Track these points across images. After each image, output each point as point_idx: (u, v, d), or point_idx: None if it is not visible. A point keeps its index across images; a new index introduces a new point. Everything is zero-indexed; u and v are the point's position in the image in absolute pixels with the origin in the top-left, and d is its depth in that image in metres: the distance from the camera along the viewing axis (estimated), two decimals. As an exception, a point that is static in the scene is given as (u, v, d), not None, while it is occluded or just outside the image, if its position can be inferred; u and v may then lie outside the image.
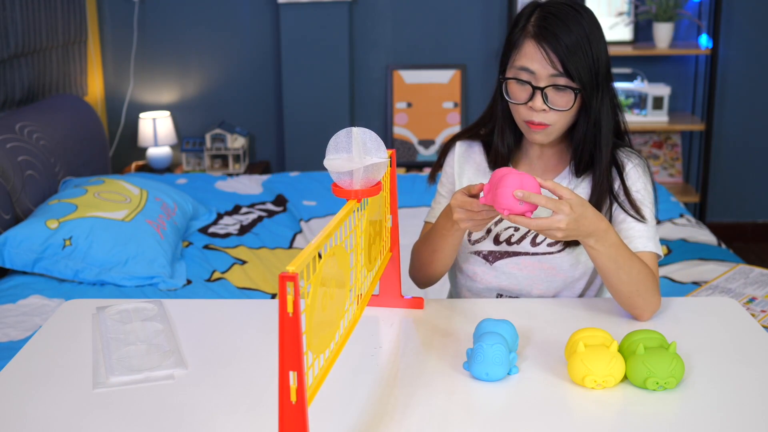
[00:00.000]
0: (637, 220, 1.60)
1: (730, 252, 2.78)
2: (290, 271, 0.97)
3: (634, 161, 1.65)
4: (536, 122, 1.57)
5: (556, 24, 1.53)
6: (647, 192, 1.65)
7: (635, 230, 1.60)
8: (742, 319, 1.55)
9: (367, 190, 1.28)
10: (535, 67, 1.54)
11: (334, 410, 1.24)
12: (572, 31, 1.53)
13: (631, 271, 1.48)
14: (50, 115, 3.17)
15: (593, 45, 1.54)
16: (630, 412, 1.25)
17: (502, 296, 1.72)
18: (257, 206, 3.28)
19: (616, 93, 1.64)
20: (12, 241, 2.46)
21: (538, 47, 1.53)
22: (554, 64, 1.52)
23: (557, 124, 1.58)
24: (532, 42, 1.54)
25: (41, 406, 1.28)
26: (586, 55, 1.53)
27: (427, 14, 4.18)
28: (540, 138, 1.60)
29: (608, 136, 1.61)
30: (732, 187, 4.34)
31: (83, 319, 1.58)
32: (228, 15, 4.19)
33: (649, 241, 1.59)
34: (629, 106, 4.08)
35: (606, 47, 1.59)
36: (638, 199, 1.62)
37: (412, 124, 4.24)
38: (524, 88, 1.56)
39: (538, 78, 1.54)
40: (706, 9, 4.06)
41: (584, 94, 1.55)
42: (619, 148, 1.67)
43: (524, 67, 1.55)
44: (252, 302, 1.69)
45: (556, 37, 1.52)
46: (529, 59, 1.55)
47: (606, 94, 1.59)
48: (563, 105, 1.55)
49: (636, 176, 1.64)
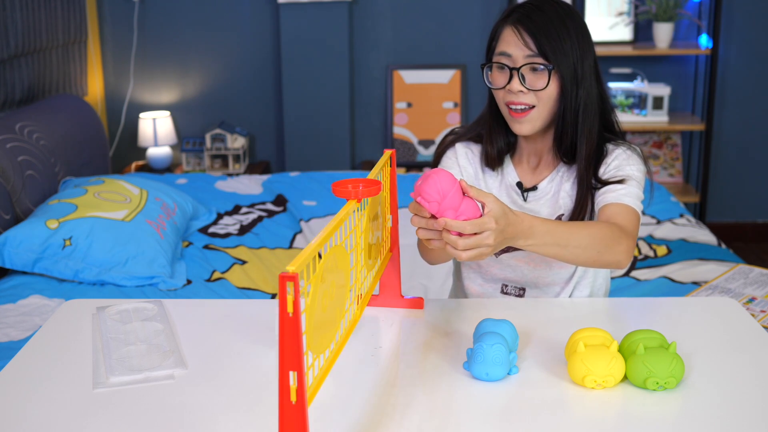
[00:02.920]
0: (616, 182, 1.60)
1: (730, 252, 2.78)
2: (290, 271, 0.96)
3: (624, 147, 1.66)
4: (516, 104, 1.60)
5: (532, 10, 1.60)
6: (636, 170, 1.63)
7: (613, 188, 1.59)
8: (742, 319, 1.55)
9: (367, 190, 1.28)
10: (511, 50, 1.59)
11: (334, 410, 1.24)
12: (551, 19, 1.58)
13: (580, 241, 1.45)
14: (50, 115, 3.17)
15: (573, 35, 1.58)
16: (630, 412, 1.25)
17: (508, 287, 1.74)
18: (257, 206, 3.28)
19: (605, 91, 1.66)
20: (12, 241, 2.46)
21: (514, 31, 1.60)
22: (529, 45, 1.58)
23: (538, 107, 1.60)
24: (510, 28, 1.61)
25: (41, 406, 1.28)
26: (564, 41, 1.57)
27: (427, 14, 4.18)
28: (524, 128, 1.62)
29: (590, 128, 1.62)
30: (732, 187, 4.34)
31: (83, 319, 1.58)
32: (228, 15, 4.19)
33: (625, 197, 1.58)
34: (629, 106, 4.08)
35: (591, 48, 1.62)
36: (622, 174, 1.61)
37: (412, 124, 4.24)
38: (504, 72, 1.61)
39: (515, 60, 1.59)
40: (706, 9, 4.06)
41: (561, 77, 1.58)
42: (610, 141, 1.68)
43: (503, 51, 1.61)
44: (252, 302, 1.69)
45: (531, 19, 1.58)
46: (506, 43, 1.60)
47: (591, 87, 1.61)
48: (540, 85, 1.58)
49: (625, 157, 1.64)
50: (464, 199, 1.32)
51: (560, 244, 1.44)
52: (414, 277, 2.66)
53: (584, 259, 1.48)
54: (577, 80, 1.59)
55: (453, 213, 1.30)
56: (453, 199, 1.30)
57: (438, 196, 1.30)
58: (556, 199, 1.69)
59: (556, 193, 1.69)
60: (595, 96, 1.63)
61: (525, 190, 1.72)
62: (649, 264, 2.70)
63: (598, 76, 1.64)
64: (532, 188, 1.71)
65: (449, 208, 1.30)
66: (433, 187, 1.30)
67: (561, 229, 1.44)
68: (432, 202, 1.30)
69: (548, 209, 1.70)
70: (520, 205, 1.71)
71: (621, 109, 4.07)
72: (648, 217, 3.12)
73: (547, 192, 1.70)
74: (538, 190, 1.71)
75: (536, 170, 1.72)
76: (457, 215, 1.30)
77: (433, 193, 1.30)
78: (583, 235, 1.46)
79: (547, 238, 1.42)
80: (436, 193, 1.30)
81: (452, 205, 1.30)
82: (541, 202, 1.70)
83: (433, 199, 1.30)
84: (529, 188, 1.71)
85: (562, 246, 1.44)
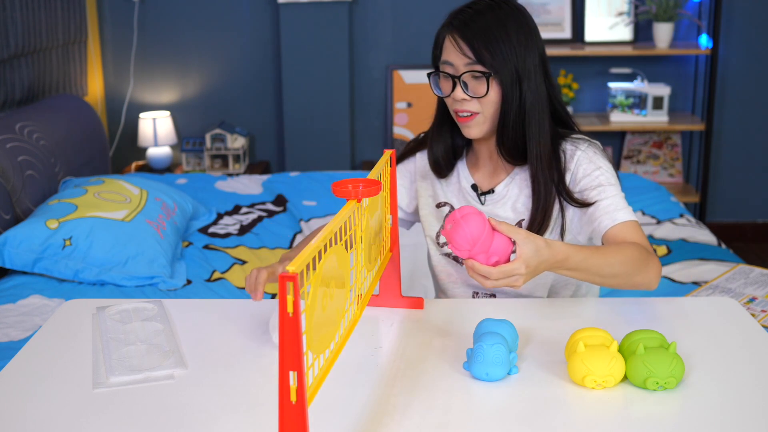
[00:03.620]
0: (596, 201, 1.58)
1: (730, 252, 2.78)
2: (290, 271, 0.96)
3: (583, 146, 1.64)
4: (462, 110, 1.60)
5: (471, 16, 1.58)
6: (605, 170, 1.62)
7: (601, 208, 1.58)
8: (742, 319, 1.55)
9: (367, 190, 1.28)
10: (452, 59, 1.59)
11: (334, 410, 1.24)
12: (486, 20, 1.56)
13: (613, 268, 1.46)
14: (50, 115, 3.17)
15: (512, 34, 1.56)
16: (630, 412, 1.25)
17: (478, 294, 1.73)
18: (257, 206, 3.28)
19: (552, 84, 1.64)
20: (12, 241, 2.46)
21: (451, 40, 1.59)
22: (466, 53, 1.57)
23: (483, 113, 1.60)
24: (448, 36, 1.61)
25: (41, 406, 1.28)
26: (502, 42, 1.55)
27: (427, 14, 4.18)
28: (472, 132, 1.62)
29: (538, 126, 1.60)
30: (732, 187, 4.34)
31: (83, 319, 1.58)
32: (228, 15, 4.19)
33: (618, 212, 1.57)
34: (629, 106, 4.08)
35: (535, 41, 1.60)
36: (596, 183, 1.60)
37: (412, 124, 4.24)
38: (448, 81, 1.61)
39: (456, 68, 1.59)
40: (706, 9, 4.06)
41: (501, 82, 1.56)
42: (566, 138, 1.66)
43: (445, 60, 1.61)
44: (252, 302, 1.69)
45: (467, 26, 1.57)
46: (447, 52, 1.61)
47: (537, 85, 1.59)
48: (480, 92, 1.58)
49: (587, 160, 1.62)
50: (495, 235, 1.35)
51: (593, 272, 1.45)
52: (414, 277, 2.66)
53: (617, 284, 1.50)
54: (520, 82, 1.57)
55: (485, 257, 1.34)
56: (484, 243, 1.33)
57: (468, 245, 1.33)
58: (514, 202, 1.68)
59: (515, 197, 1.68)
60: (543, 93, 1.61)
61: (481, 193, 1.71)
62: (649, 264, 2.70)
63: (546, 72, 1.62)
64: (489, 191, 1.70)
65: (480, 252, 1.34)
66: (463, 237, 1.33)
67: (595, 258, 1.44)
68: (463, 250, 1.34)
69: (509, 213, 1.68)
70: (479, 209, 1.70)
71: (621, 109, 4.07)
72: (648, 217, 3.12)
73: (504, 195, 1.69)
74: (495, 193, 1.69)
75: (492, 174, 1.71)
76: (488, 257, 1.34)
77: (464, 243, 1.33)
78: (617, 261, 1.46)
79: (582, 268, 1.43)
80: (466, 242, 1.33)
81: (483, 249, 1.34)
82: (498, 205, 1.69)
83: (464, 249, 1.34)
84: (486, 191, 1.70)
85: (595, 273, 1.46)
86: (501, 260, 1.35)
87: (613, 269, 1.46)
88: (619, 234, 1.55)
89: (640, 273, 1.49)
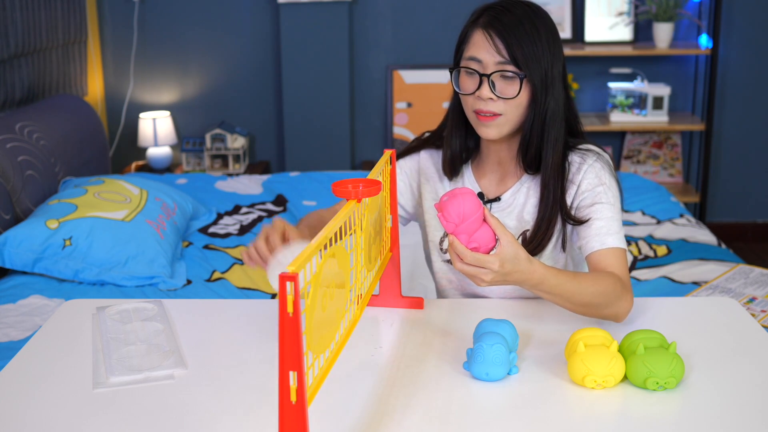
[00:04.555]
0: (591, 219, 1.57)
1: (730, 252, 2.78)
2: (290, 271, 0.97)
3: (591, 159, 1.61)
4: (485, 111, 1.55)
5: (505, 14, 1.54)
6: (608, 187, 1.59)
7: (594, 228, 1.56)
8: (742, 319, 1.55)
9: (367, 190, 1.28)
10: (482, 55, 1.55)
11: (334, 410, 1.24)
12: (522, 23, 1.53)
13: (583, 297, 1.45)
14: (50, 115, 3.17)
15: (543, 39, 1.54)
16: (630, 412, 1.25)
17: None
18: (257, 206, 3.28)
19: (572, 97, 1.63)
20: (12, 241, 2.46)
21: (485, 36, 1.55)
22: (500, 51, 1.53)
23: (507, 115, 1.56)
24: (480, 31, 1.56)
25: (41, 406, 1.28)
26: (535, 45, 1.53)
27: (427, 14, 4.18)
28: (490, 132, 1.57)
29: (556, 135, 1.58)
30: (732, 187, 4.34)
31: (83, 319, 1.58)
32: (228, 15, 4.19)
33: (609, 237, 1.55)
34: (629, 106, 4.08)
35: (561, 50, 1.59)
36: (596, 200, 1.58)
37: (412, 124, 4.24)
38: (473, 78, 1.56)
39: (485, 66, 1.55)
40: (706, 9, 4.06)
41: (533, 85, 1.54)
42: (573, 149, 1.63)
43: (472, 56, 1.56)
44: (252, 302, 1.69)
45: (504, 25, 1.53)
46: (476, 48, 1.56)
47: (559, 93, 1.57)
48: (510, 93, 1.54)
49: (593, 174, 1.60)
50: (484, 226, 1.36)
51: (564, 298, 1.45)
52: (414, 277, 2.66)
53: (583, 312, 1.50)
54: (547, 87, 1.55)
55: (466, 237, 1.35)
56: (471, 225, 1.35)
57: (457, 218, 1.34)
58: (521, 211, 1.65)
59: (522, 206, 1.65)
60: (562, 102, 1.59)
61: (487, 201, 1.67)
62: (649, 264, 2.70)
63: (565, 81, 1.60)
64: (495, 199, 1.67)
65: (464, 232, 1.35)
66: (455, 209, 1.34)
67: (570, 284, 1.44)
68: (450, 222, 1.35)
69: (514, 222, 1.66)
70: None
71: (621, 109, 4.07)
72: (648, 217, 3.12)
73: (510, 203, 1.66)
74: (501, 201, 1.66)
75: (500, 181, 1.68)
76: (469, 241, 1.35)
77: (454, 215, 1.35)
78: (590, 292, 1.46)
79: (555, 290, 1.44)
80: (457, 215, 1.34)
81: (468, 230, 1.35)
82: (504, 214, 1.66)
83: (452, 220, 1.35)
84: (492, 199, 1.67)
85: (566, 299, 1.46)
86: (480, 250, 1.36)
87: (584, 299, 1.46)
88: (602, 260, 1.54)
89: (610, 307, 1.49)
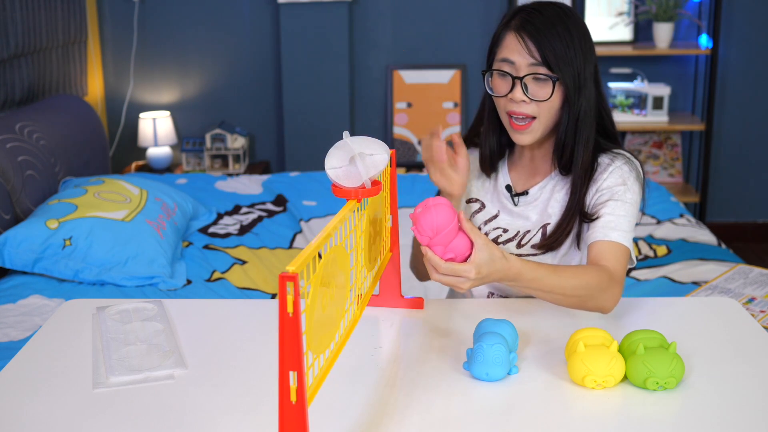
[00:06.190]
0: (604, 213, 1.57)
1: (730, 252, 2.78)
2: (290, 271, 0.97)
3: (619, 162, 1.61)
4: (517, 113, 1.56)
5: (538, 17, 1.55)
6: (629, 188, 1.59)
7: (603, 220, 1.56)
8: (742, 319, 1.55)
9: (367, 190, 1.28)
10: (515, 57, 1.55)
11: (334, 410, 1.24)
12: (553, 24, 1.54)
13: (565, 291, 1.46)
14: (50, 115, 3.17)
15: (576, 41, 1.54)
16: (630, 412, 1.25)
17: (494, 295, 1.73)
18: (257, 206, 3.28)
19: (605, 97, 1.63)
20: (12, 241, 2.46)
21: (518, 38, 1.55)
22: (533, 54, 1.53)
23: (540, 118, 1.57)
24: (512, 34, 1.56)
25: (41, 406, 1.28)
26: (568, 48, 1.53)
27: (427, 14, 4.18)
28: (525, 139, 1.59)
29: (588, 136, 1.59)
30: (732, 187, 4.34)
31: (83, 319, 1.58)
32: (228, 15, 4.19)
33: (614, 232, 1.55)
34: (629, 106, 4.08)
35: (593, 51, 1.59)
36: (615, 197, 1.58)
37: (412, 124, 4.24)
38: (506, 80, 1.57)
39: (518, 68, 1.55)
40: (706, 9, 4.06)
41: (565, 87, 1.54)
42: (605, 151, 1.64)
43: (505, 58, 1.57)
44: (252, 302, 1.69)
45: (536, 27, 1.54)
46: (509, 50, 1.56)
47: (591, 94, 1.58)
48: (543, 95, 1.55)
49: (618, 174, 1.60)
50: (459, 234, 1.36)
51: (544, 291, 1.46)
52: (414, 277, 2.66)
53: (567, 304, 1.50)
54: (580, 88, 1.55)
55: (442, 249, 1.36)
56: (446, 236, 1.35)
57: (431, 231, 1.35)
58: (545, 206, 1.66)
59: (546, 201, 1.66)
60: (594, 102, 1.59)
61: (515, 194, 1.69)
62: (649, 264, 2.70)
63: (597, 81, 1.61)
64: (523, 193, 1.69)
65: (439, 244, 1.35)
66: (428, 222, 1.35)
67: (550, 278, 1.44)
68: (424, 235, 1.35)
69: (537, 215, 1.67)
70: (510, 210, 1.69)
71: (621, 109, 4.07)
72: (648, 217, 3.12)
73: (537, 197, 1.68)
74: (528, 194, 1.69)
75: (530, 175, 1.70)
76: (445, 251, 1.35)
77: (427, 228, 1.35)
78: (570, 285, 1.46)
79: (533, 284, 1.44)
80: (430, 229, 1.35)
81: (443, 241, 1.35)
82: (530, 207, 1.68)
83: (426, 234, 1.35)
84: (520, 193, 1.69)
85: (547, 292, 1.46)
86: (456, 259, 1.36)
87: (565, 291, 1.46)
88: (600, 252, 1.54)
89: (594, 299, 1.48)
